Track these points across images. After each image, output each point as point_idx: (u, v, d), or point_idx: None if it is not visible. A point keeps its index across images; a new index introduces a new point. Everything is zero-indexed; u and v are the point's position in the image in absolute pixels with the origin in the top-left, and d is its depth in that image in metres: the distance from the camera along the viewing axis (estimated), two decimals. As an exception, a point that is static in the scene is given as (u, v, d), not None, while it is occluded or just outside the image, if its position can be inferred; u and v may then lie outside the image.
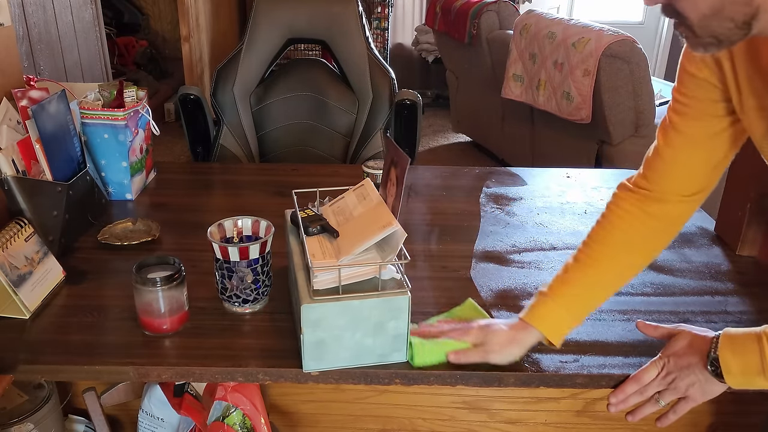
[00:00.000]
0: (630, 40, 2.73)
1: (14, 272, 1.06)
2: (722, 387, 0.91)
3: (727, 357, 0.87)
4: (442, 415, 1.26)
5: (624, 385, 0.96)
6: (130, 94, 1.50)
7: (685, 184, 0.97)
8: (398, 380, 0.98)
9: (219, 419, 1.10)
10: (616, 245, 1.00)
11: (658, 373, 0.94)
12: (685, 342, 0.94)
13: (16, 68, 1.35)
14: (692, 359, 0.91)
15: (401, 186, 1.01)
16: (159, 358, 0.99)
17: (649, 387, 0.95)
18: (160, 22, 5.62)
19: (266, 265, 1.07)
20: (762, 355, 0.84)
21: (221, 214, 1.12)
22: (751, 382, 0.87)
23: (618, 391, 0.97)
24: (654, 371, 0.95)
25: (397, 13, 5.39)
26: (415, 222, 1.46)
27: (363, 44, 2.08)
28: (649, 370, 0.95)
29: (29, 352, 1.00)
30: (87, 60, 2.98)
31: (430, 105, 5.24)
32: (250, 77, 2.10)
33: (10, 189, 1.16)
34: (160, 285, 1.00)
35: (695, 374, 0.91)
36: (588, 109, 2.87)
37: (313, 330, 0.93)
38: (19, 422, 1.10)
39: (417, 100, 2.03)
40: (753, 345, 0.85)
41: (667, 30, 5.29)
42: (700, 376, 0.91)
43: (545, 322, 0.97)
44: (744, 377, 0.87)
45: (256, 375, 0.98)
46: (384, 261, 0.95)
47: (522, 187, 1.67)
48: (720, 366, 0.87)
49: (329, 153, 2.15)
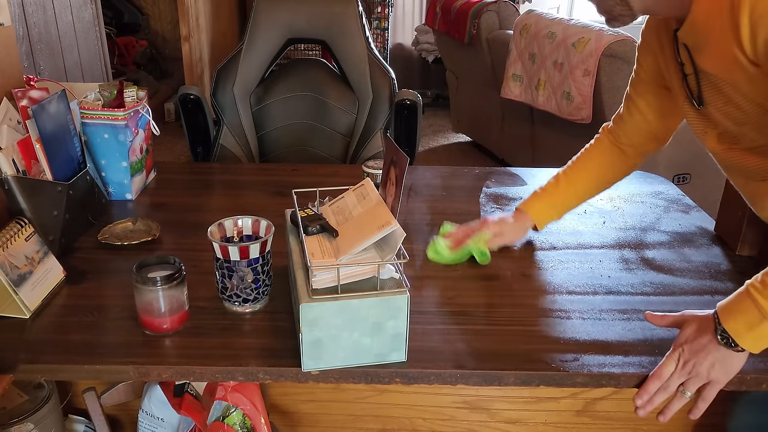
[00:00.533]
0: (630, 40, 2.73)
1: (14, 272, 1.06)
2: (741, 359, 0.93)
3: (730, 323, 0.91)
4: (442, 415, 1.26)
5: (646, 384, 0.97)
6: (130, 94, 1.50)
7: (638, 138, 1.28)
8: (398, 379, 0.98)
9: (219, 419, 1.10)
10: (591, 169, 1.34)
11: (676, 365, 0.95)
12: (693, 327, 0.96)
13: (16, 68, 1.35)
14: (704, 340, 0.94)
15: (400, 186, 1.01)
16: (159, 357, 0.99)
17: (671, 380, 0.95)
18: (160, 22, 5.62)
19: (266, 264, 1.07)
20: (757, 304, 0.90)
21: (221, 214, 1.12)
22: (762, 334, 0.90)
23: (642, 392, 0.97)
24: (672, 364, 0.96)
25: (397, 13, 5.39)
26: (414, 222, 1.46)
27: (363, 44, 2.08)
28: (667, 364, 0.96)
29: (29, 351, 1.00)
30: (87, 60, 2.98)
31: (430, 105, 5.25)
32: (250, 77, 2.10)
33: (10, 189, 1.17)
34: (160, 284, 1.00)
35: (712, 354, 0.93)
36: (588, 109, 2.87)
37: (312, 329, 0.93)
38: (19, 422, 1.10)
39: (417, 100, 2.03)
40: (746, 301, 0.91)
41: (667, 30, 5.29)
42: (717, 354, 0.93)
43: (536, 213, 1.33)
44: (753, 332, 0.90)
45: (256, 374, 0.98)
46: (383, 260, 0.95)
47: (522, 187, 1.67)
48: (730, 335, 0.91)
49: (329, 153, 2.15)
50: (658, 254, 1.33)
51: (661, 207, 1.57)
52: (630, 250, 1.35)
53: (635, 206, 1.57)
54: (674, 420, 0.99)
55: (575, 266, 1.28)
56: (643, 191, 1.66)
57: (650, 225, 1.47)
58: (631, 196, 1.62)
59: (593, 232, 1.44)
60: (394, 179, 1.05)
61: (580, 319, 1.10)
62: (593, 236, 1.41)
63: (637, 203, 1.59)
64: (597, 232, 1.44)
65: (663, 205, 1.57)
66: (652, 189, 1.67)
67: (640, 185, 1.69)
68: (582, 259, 1.31)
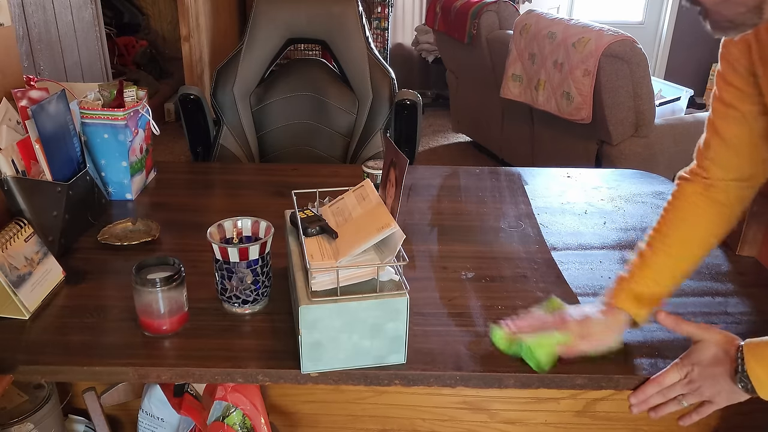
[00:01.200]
0: (630, 40, 2.73)
1: (14, 273, 1.06)
2: (748, 396, 0.90)
3: (756, 369, 0.86)
4: (442, 416, 1.25)
5: (645, 387, 0.96)
6: (130, 94, 1.50)
7: (736, 170, 1.03)
8: (398, 381, 0.98)
9: (219, 419, 1.10)
10: (686, 230, 1.06)
11: (680, 378, 0.94)
12: (710, 353, 0.93)
13: (16, 68, 1.35)
14: (718, 370, 0.91)
15: (400, 187, 1.01)
16: (159, 358, 0.99)
17: (671, 390, 0.94)
18: (160, 22, 5.61)
19: (266, 265, 1.07)
20: None
21: (221, 215, 1.12)
22: None
23: (639, 392, 0.97)
24: (675, 376, 0.94)
25: (397, 13, 5.39)
26: (415, 222, 1.46)
27: (363, 44, 2.08)
28: (670, 374, 0.95)
29: (29, 352, 1.00)
30: (87, 60, 2.98)
31: (430, 105, 5.24)
32: (250, 77, 2.10)
33: (9, 189, 1.16)
34: (159, 286, 1.00)
35: (720, 384, 0.90)
36: (588, 109, 2.87)
37: (311, 331, 0.93)
38: (19, 422, 1.10)
39: (417, 100, 2.03)
40: None
41: (667, 30, 5.29)
42: (726, 386, 0.90)
43: (631, 304, 1.02)
44: None
45: (256, 376, 0.98)
46: (382, 262, 0.95)
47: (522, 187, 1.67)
48: (751, 381, 0.87)
49: (329, 153, 2.15)
50: (658, 255, 1.33)
51: (662, 207, 1.56)
52: (631, 250, 1.35)
53: (636, 206, 1.57)
54: (673, 420, 0.98)
55: (576, 267, 1.28)
56: (643, 191, 1.66)
57: (651, 225, 1.46)
58: (631, 197, 1.62)
59: (594, 232, 1.43)
60: (393, 180, 1.04)
61: (580, 320, 1.10)
62: (594, 237, 1.41)
63: (638, 203, 1.58)
64: (597, 232, 1.43)
65: (663, 206, 1.57)
66: (653, 189, 1.67)
67: (641, 185, 1.69)
68: (582, 260, 1.31)
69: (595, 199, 1.60)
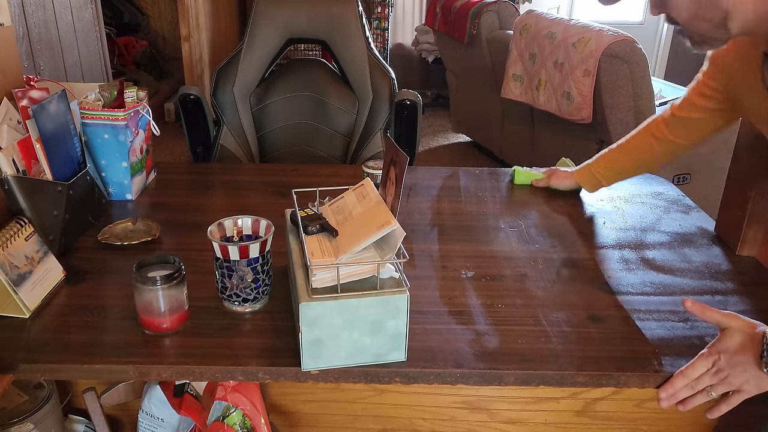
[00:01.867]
0: (630, 40, 2.73)
1: (14, 271, 1.06)
2: None
3: None
4: (442, 415, 1.25)
5: (673, 380, 0.96)
6: (130, 94, 1.50)
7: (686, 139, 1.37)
8: (398, 379, 0.98)
9: (219, 419, 1.10)
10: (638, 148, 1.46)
11: (708, 368, 0.94)
12: (737, 340, 0.94)
13: (16, 68, 1.35)
14: (745, 358, 0.92)
15: (400, 185, 1.01)
16: (159, 357, 0.99)
17: (699, 381, 0.95)
18: (160, 22, 5.62)
19: (266, 264, 1.07)
20: None
21: (221, 214, 1.12)
22: None
23: (667, 386, 0.97)
24: (703, 367, 0.95)
25: (397, 13, 5.39)
26: (414, 222, 1.46)
27: (363, 44, 2.08)
28: (697, 366, 0.95)
29: (29, 351, 1.00)
30: (87, 60, 2.99)
31: (430, 105, 5.25)
32: (250, 77, 2.10)
33: (10, 188, 1.17)
34: (160, 284, 1.00)
35: (749, 372, 0.91)
36: (588, 109, 2.87)
37: (311, 329, 0.93)
38: (19, 422, 1.10)
39: (417, 100, 2.03)
40: None
41: (667, 30, 5.29)
42: (754, 373, 0.91)
43: (585, 179, 1.56)
44: None
45: (256, 374, 0.98)
46: (383, 260, 0.95)
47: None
48: None
49: (329, 153, 2.15)
50: (658, 254, 1.33)
51: (661, 207, 1.57)
52: (630, 250, 1.35)
53: (635, 207, 1.57)
54: (673, 420, 0.98)
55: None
56: (643, 192, 1.66)
57: (650, 225, 1.47)
58: (631, 197, 1.62)
59: (593, 232, 1.43)
60: (393, 179, 1.04)
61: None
62: (594, 237, 1.41)
63: (638, 204, 1.59)
64: (597, 232, 1.44)
65: (663, 206, 1.57)
66: (652, 189, 1.67)
67: (640, 186, 1.69)
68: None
69: (594, 199, 1.60)
